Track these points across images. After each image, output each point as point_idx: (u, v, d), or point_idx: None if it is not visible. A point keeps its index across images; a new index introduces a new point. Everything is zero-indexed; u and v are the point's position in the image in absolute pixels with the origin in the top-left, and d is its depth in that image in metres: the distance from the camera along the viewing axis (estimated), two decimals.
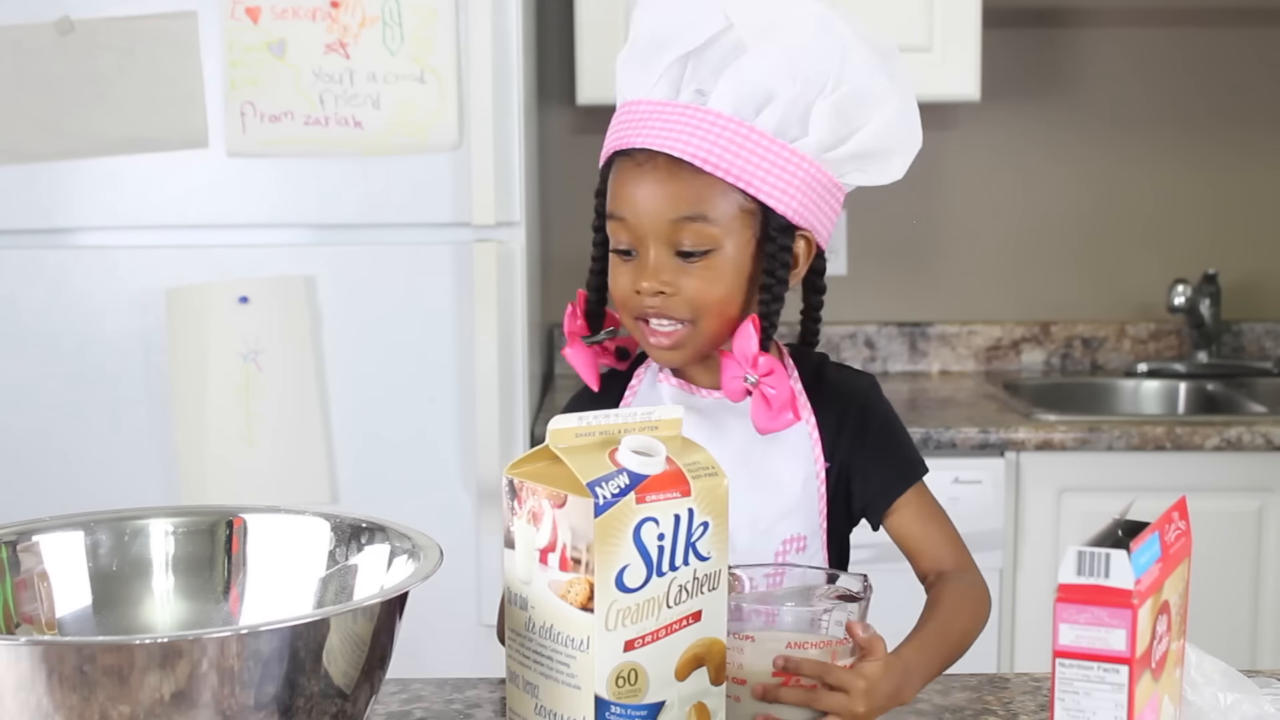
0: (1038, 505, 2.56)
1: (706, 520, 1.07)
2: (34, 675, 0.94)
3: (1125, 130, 3.13)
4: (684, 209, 1.27)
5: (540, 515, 1.05)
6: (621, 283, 1.31)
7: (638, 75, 1.31)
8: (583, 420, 1.07)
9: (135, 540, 1.22)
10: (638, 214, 1.29)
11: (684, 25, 1.27)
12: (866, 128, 1.29)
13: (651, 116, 1.28)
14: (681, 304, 1.29)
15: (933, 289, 3.16)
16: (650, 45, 1.29)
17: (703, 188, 1.27)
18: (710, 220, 1.28)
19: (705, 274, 1.29)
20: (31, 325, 2.40)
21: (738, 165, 1.27)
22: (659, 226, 1.28)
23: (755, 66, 1.26)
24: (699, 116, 1.27)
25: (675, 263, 1.29)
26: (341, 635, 1.02)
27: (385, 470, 2.42)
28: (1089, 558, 0.95)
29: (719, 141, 1.26)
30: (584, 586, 1.03)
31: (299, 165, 2.36)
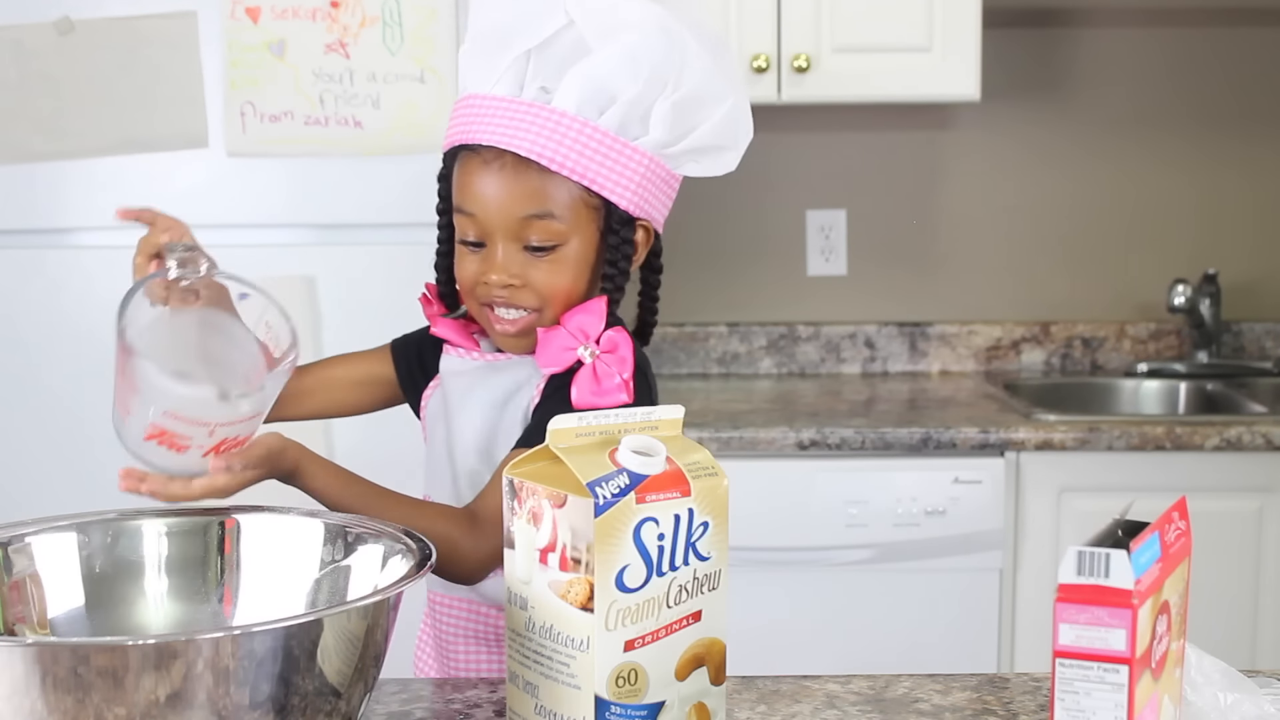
0: (1038, 505, 2.55)
1: (707, 520, 1.07)
2: (28, 677, 0.94)
3: (1125, 130, 3.13)
4: (531, 207, 1.32)
5: (540, 515, 1.05)
6: (469, 271, 1.37)
7: (480, 69, 1.34)
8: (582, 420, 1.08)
9: (128, 541, 1.22)
10: (486, 210, 1.33)
11: (525, 21, 1.31)
12: (703, 126, 1.34)
13: (497, 113, 1.32)
14: (529, 294, 1.35)
15: (933, 289, 3.16)
16: (492, 39, 1.33)
17: (549, 185, 1.32)
18: (556, 217, 1.33)
19: (552, 267, 1.34)
20: (30, 325, 2.39)
21: (582, 164, 1.31)
22: (507, 223, 1.33)
23: (599, 67, 1.30)
24: (544, 115, 1.31)
25: (523, 256, 1.34)
26: (335, 635, 1.02)
27: (385, 470, 2.41)
28: (1089, 558, 0.94)
29: (564, 140, 1.31)
30: (584, 586, 1.03)
31: (299, 165, 2.36)
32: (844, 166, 3.10)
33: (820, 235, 3.08)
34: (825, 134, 3.07)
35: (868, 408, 2.75)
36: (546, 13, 1.30)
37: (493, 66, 1.33)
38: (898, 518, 2.51)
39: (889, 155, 3.12)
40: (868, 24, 2.70)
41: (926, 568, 2.52)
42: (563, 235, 1.34)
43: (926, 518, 2.51)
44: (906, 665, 1.54)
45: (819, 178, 3.10)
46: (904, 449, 2.51)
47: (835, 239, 3.11)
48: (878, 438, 2.51)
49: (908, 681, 1.34)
